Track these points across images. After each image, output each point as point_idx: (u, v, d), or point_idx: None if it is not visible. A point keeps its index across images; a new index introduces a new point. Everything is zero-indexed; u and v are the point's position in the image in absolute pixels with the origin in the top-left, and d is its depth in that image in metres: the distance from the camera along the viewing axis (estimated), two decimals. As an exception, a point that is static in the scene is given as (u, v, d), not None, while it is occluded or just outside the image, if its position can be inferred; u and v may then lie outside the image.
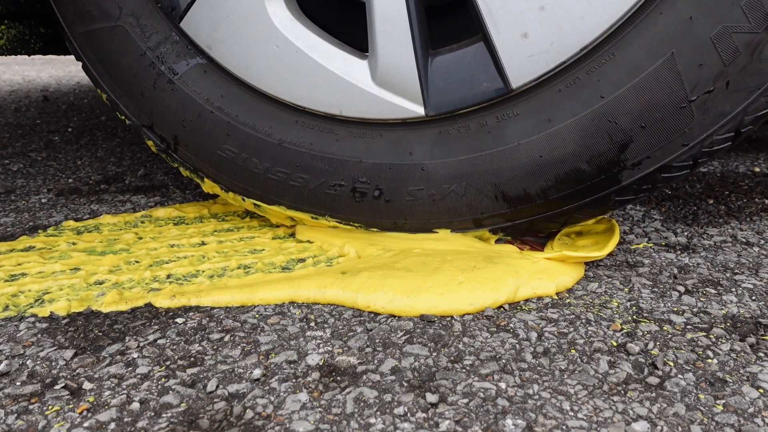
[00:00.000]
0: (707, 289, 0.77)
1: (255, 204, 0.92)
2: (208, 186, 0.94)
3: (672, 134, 0.72)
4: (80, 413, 0.52)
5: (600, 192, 0.77)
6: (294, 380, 0.57)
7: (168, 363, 0.60)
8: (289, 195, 0.89)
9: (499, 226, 0.84)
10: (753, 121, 0.71)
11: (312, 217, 0.90)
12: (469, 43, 0.78)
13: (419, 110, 0.79)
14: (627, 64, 0.70)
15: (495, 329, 0.66)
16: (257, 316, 0.70)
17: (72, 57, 5.27)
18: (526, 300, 0.73)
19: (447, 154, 0.80)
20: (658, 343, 0.63)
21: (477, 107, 0.77)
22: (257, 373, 0.58)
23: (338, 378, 0.57)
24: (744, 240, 0.94)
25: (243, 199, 0.92)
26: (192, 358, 0.61)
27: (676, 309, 0.71)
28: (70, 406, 0.53)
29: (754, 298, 0.74)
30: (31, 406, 0.53)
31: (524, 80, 0.73)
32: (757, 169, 1.41)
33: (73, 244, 0.91)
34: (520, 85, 0.74)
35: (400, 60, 0.77)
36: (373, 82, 0.80)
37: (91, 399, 0.54)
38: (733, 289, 0.76)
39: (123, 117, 0.95)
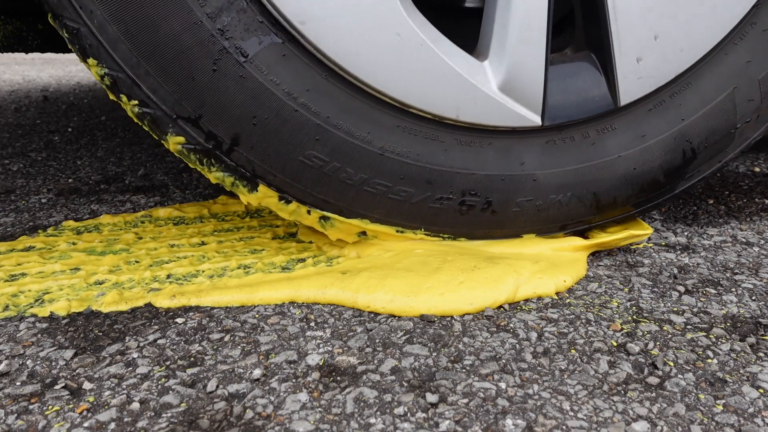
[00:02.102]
0: (707, 289, 0.77)
1: (323, 218, 0.80)
2: (258, 196, 0.78)
3: (717, 153, 0.87)
4: (80, 413, 0.52)
5: (660, 199, 0.88)
6: (294, 380, 0.57)
7: (168, 363, 0.60)
8: (384, 208, 0.79)
9: (576, 229, 0.87)
10: (752, 143, 0.90)
11: (397, 231, 0.82)
12: (580, 57, 0.81)
13: (536, 120, 0.78)
14: (701, 94, 0.83)
15: (495, 329, 0.66)
16: (257, 316, 0.70)
17: (73, 57, 5.19)
18: (526, 300, 0.73)
19: (555, 164, 0.82)
20: (658, 343, 0.63)
21: (583, 120, 0.80)
22: (257, 373, 0.58)
23: (338, 378, 0.57)
24: (744, 240, 0.94)
25: (308, 212, 0.79)
26: (192, 358, 0.61)
27: (676, 309, 0.71)
28: (70, 406, 0.53)
29: (754, 298, 0.74)
30: (31, 406, 0.53)
31: (630, 99, 0.80)
32: (757, 169, 1.41)
33: (73, 244, 0.91)
34: (626, 103, 0.81)
35: (531, 67, 0.76)
36: (494, 86, 0.76)
37: (91, 399, 0.54)
38: (733, 289, 0.76)
39: (133, 102, 0.72)
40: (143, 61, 0.69)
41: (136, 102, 0.72)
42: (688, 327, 0.67)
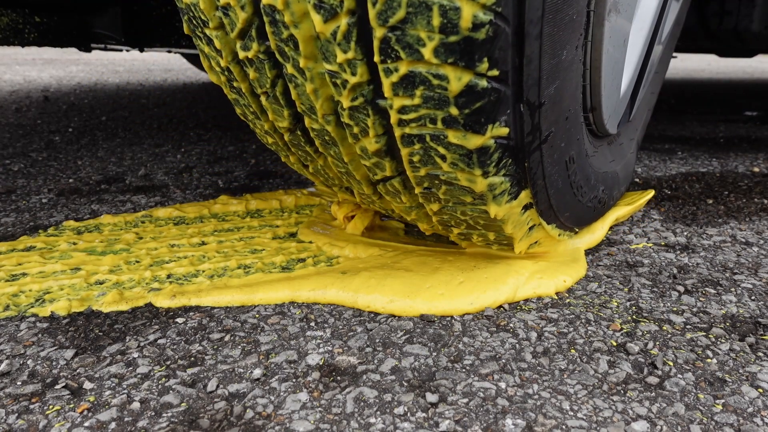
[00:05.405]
0: (707, 289, 0.77)
1: (532, 227, 0.73)
2: (512, 206, 0.65)
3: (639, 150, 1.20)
4: (81, 413, 0.52)
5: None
6: (294, 380, 0.57)
7: (168, 363, 0.60)
8: (569, 211, 0.76)
9: None
10: None
11: (558, 234, 0.79)
12: None
13: (615, 129, 0.89)
14: (639, 116, 1.11)
15: (495, 329, 0.66)
16: (257, 316, 0.70)
17: (72, 57, 5.18)
18: (526, 300, 0.73)
19: (617, 162, 0.96)
20: (657, 343, 0.63)
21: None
22: (257, 372, 0.58)
23: (338, 378, 0.57)
24: (743, 240, 0.94)
25: (527, 222, 0.72)
26: (192, 358, 0.61)
27: (675, 309, 0.71)
28: (71, 405, 0.53)
29: (753, 298, 0.74)
30: (31, 406, 0.54)
31: (633, 116, 1.02)
32: (756, 169, 1.41)
33: (74, 244, 0.91)
34: (630, 119, 1.01)
35: (629, 87, 0.91)
36: (619, 98, 0.86)
37: (91, 398, 0.54)
38: (733, 289, 0.76)
39: (492, 73, 0.50)
40: (547, 17, 0.49)
41: (496, 73, 0.49)
42: (688, 327, 0.67)
